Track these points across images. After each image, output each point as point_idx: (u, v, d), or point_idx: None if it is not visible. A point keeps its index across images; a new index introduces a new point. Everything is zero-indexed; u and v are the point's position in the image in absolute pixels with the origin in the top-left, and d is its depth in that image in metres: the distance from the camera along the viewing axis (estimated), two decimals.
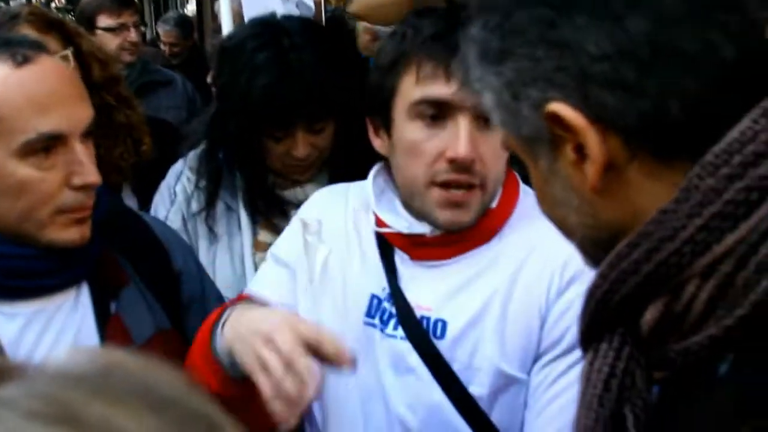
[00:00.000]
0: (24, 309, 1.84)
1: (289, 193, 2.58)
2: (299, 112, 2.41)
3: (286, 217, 2.48)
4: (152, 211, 2.67)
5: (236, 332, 1.76)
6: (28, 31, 2.65)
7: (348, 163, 2.47)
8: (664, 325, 1.00)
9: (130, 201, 2.93)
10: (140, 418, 0.55)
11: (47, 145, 1.72)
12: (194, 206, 2.65)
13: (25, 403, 0.53)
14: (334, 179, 2.48)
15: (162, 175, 2.76)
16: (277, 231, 2.45)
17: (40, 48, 1.81)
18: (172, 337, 2.02)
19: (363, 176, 2.15)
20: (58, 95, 1.74)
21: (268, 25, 2.54)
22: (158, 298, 2.00)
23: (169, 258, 2.07)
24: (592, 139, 1.00)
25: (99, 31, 4.43)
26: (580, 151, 1.03)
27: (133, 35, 4.42)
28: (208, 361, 1.84)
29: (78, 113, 1.77)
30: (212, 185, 2.62)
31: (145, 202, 2.81)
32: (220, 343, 1.82)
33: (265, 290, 2.10)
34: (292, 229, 2.16)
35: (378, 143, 2.02)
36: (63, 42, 2.68)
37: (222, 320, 1.85)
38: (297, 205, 2.43)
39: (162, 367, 0.61)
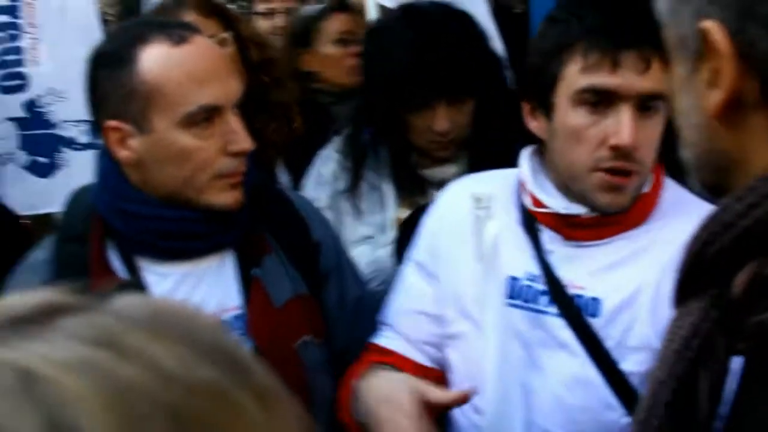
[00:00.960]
0: (175, 270, 2.08)
1: (430, 172, 2.72)
2: (441, 84, 2.57)
3: (425, 195, 2.63)
4: (303, 192, 2.88)
5: (365, 401, 1.99)
6: (191, 16, 2.96)
7: (486, 144, 2.59)
8: (754, 291, 0.97)
9: (283, 176, 3.17)
10: (172, 348, 0.62)
11: (206, 116, 1.94)
12: (340, 185, 2.85)
13: (77, 330, 0.60)
14: (473, 161, 2.62)
15: (312, 153, 2.99)
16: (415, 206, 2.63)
17: (192, 29, 2.04)
18: (308, 302, 2.21)
19: (501, 159, 2.27)
20: (213, 71, 1.96)
21: (413, 7, 2.71)
22: (297, 266, 2.19)
23: (309, 230, 2.25)
24: (728, 69, 0.99)
25: (256, 17, 4.67)
26: (715, 75, 1.02)
27: (278, 21, 4.57)
28: (352, 417, 2.08)
29: (231, 87, 1.99)
30: (357, 165, 2.81)
31: (297, 176, 3.04)
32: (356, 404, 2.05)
33: (403, 299, 2.26)
34: (430, 230, 2.28)
35: (534, 125, 2.11)
36: (223, 26, 2.95)
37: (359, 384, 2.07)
38: (437, 184, 2.60)
39: (202, 314, 0.68)
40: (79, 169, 4.13)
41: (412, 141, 2.69)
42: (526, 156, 2.17)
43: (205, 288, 2.09)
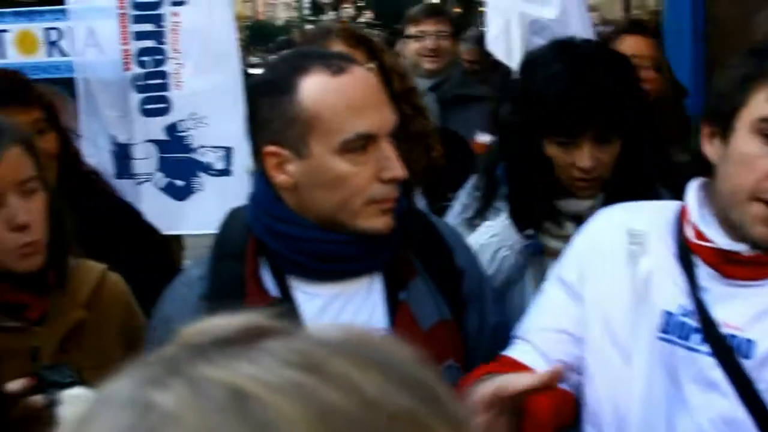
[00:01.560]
0: (325, 291, 2.10)
1: (564, 203, 2.69)
2: (589, 120, 2.54)
3: (560, 227, 2.61)
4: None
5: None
6: (338, 46, 3.02)
7: (625, 183, 2.55)
8: None
9: (420, 202, 3.18)
10: (373, 375, 0.64)
11: (362, 143, 1.98)
12: (469, 213, 2.87)
13: (281, 353, 0.64)
14: (609, 196, 2.57)
15: (449, 183, 3.03)
16: (550, 234, 2.64)
17: (350, 60, 2.10)
18: (452, 327, 2.21)
19: (636, 198, 2.26)
20: (369, 100, 2.01)
21: (565, 42, 2.71)
22: (442, 291, 2.20)
23: (453, 256, 2.27)
24: None
25: (407, 40, 4.73)
26: None
27: (429, 43, 4.61)
28: None
29: (386, 116, 2.03)
30: (486, 195, 2.82)
31: (433, 204, 3.05)
32: None
33: (545, 316, 2.22)
34: (580, 252, 2.24)
35: (709, 149, 2.08)
36: (368, 56, 2.99)
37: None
38: (571, 216, 2.56)
39: (398, 343, 0.70)
40: (213, 195, 4.23)
41: (553, 174, 2.66)
42: (693, 188, 2.13)
43: (352, 309, 2.11)
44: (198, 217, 4.11)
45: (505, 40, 3.53)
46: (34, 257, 2.06)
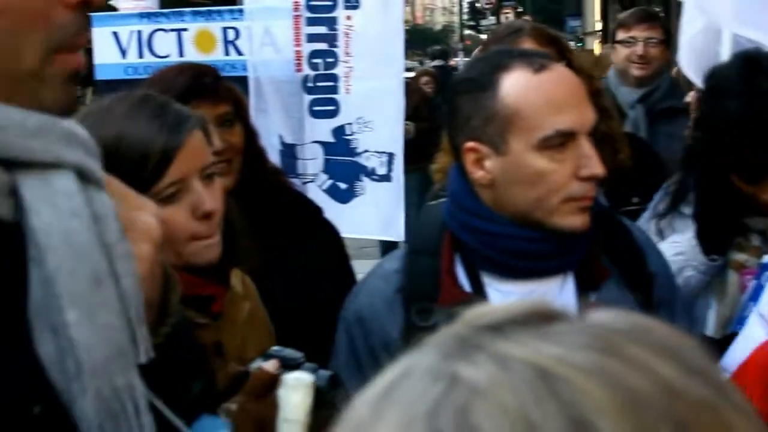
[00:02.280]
0: (518, 289, 2.08)
1: (752, 221, 2.58)
2: None
3: (745, 239, 2.51)
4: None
5: None
6: (528, 43, 2.98)
7: None
8: None
9: (603, 203, 3.13)
10: (669, 363, 0.64)
11: (561, 140, 1.97)
12: (660, 208, 2.84)
13: (577, 336, 0.65)
14: None
15: (634, 188, 3.06)
16: (736, 248, 2.55)
17: (550, 58, 2.10)
18: None
19: None
20: (570, 97, 2.00)
21: (753, 56, 2.57)
22: (633, 294, 2.14)
23: (645, 260, 2.21)
24: None
25: (616, 45, 4.61)
26: None
27: (639, 49, 4.49)
28: None
29: (586, 114, 2.02)
30: (678, 194, 2.78)
31: (616, 208, 2.99)
32: None
33: (745, 354, 2.15)
34: None
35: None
36: (558, 56, 2.93)
37: None
38: (758, 232, 2.48)
39: (681, 333, 0.70)
40: (374, 200, 4.27)
41: (741, 196, 2.55)
42: None
43: None
44: (357, 220, 4.15)
45: (703, 57, 3.37)
46: (216, 247, 2.00)
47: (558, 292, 2.08)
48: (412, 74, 10.76)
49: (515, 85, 1.97)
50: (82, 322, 0.98)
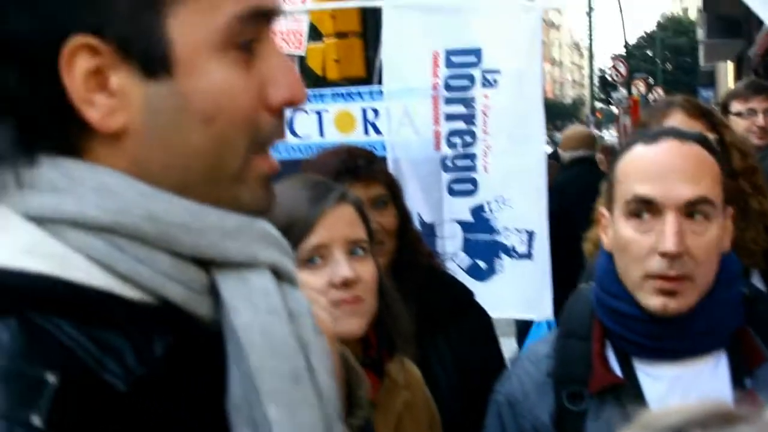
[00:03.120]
0: (668, 372, 2.00)
1: None
2: None
3: None
4: None
5: None
6: (679, 116, 2.94)
7: None
8: None
9: (759, 285, 3.00)
10: None
11: (639, 207, 1.93)
12: None
13: None
14: None
15: None
16: None
17: (678, 134, 2.03)
18: None
19: None
20: (665, 169, 1.94)
21: None
22: None
23: None
24: None
25: (731, 116, 4.53)
26: None
27: (760, 120, 4.41)
28: None
29: (678, 188, 1.93)
30: None
31: None
32: None
33: None
34: None
35: None
36: (710, 129, 2.87)
37: None
38: None
39: None
40: (514, 278, 4.22)
41: None
42: None
43: (697, 393, 1.98)
44: (497, 299, 4.10)
45: None
46: (355, 318, 1.98)
47: (710, 375, 1.99)
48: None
49: (629, 154, 2.00)
50: (283, 419, 0.99)
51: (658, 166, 1.96)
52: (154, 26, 0.96)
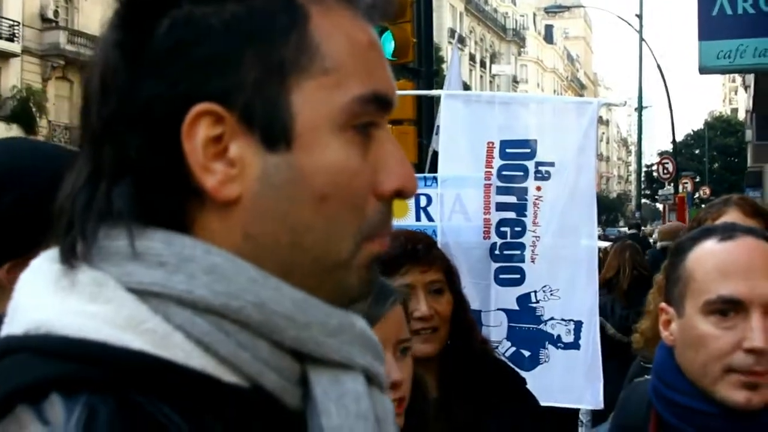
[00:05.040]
0: None
1: None
2: None
3: None
4: None
5: None
6: (735, 214, 2.99)
7: None
8: None
9: None
10: None
11: (725, 307, 1.94)
12: None
13: None
14: None
15: None
16: None
17: (750, 232, 2.08)
18: None
19: None
20: (746, 267, 1.97)
21: None
22: None
23: None
24: None
25: None
26: None
27: None
28: None
29: (761, 286, 1.95)
30: None
31: None
32: None
33: None
34: None
35: None
36: (766, 227, 2.89)
37: None
38: None
39: None
40: (559, 368, 4.23)
41: None
42: None
43: None
44: (542, 389, 4.10)
45: None
46: (399, 420, 2.00)
47: None
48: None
49: (700, 251, 2.02)
50: None
51: (741, 264, 1.98)
52: (279, 97, 0.95)
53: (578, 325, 4.20)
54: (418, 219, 4.38)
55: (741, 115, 57.73)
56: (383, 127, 1.03)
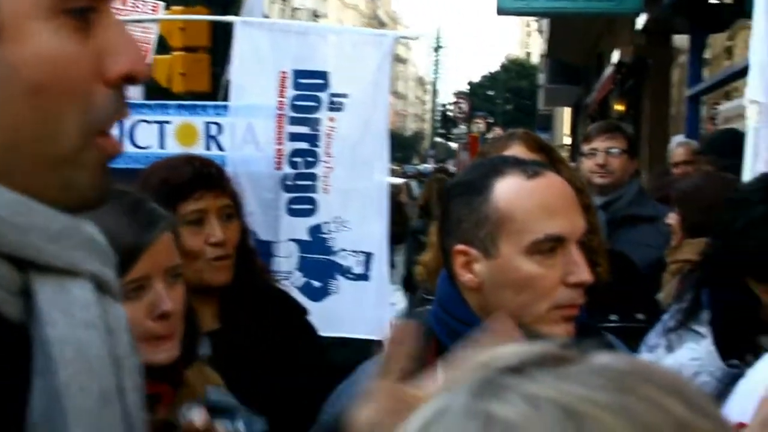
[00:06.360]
0: None
1: (764, 339, 2.60)
2: None
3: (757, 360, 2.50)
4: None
5: None
6: (520, 148, 3.02)
7: None
8: None
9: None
10: (676, 400, 0.68)
11: (551, 246, 1.96)
12: (671, 324, 2.89)
13: (592, 378, 0.69)
14: None
15: (613, 304, 3.10)
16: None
17: (545, 166, 2.11)
18: None
19: None
20: (562, 204, 2.00)
21: None
22: None
23: None
24: None
25: (581, 157, 4.71)
26: None
27: (599, 159, 4.59)
28: None
29: (577, 221, 2.01)
30: (686, 314, 2.82)
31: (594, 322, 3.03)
32: None
33: None
34: (742, 392, 2.16)
35: None
36: (548, 164, 2.98)
37: None
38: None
39: (683, 376, 0.76)
40: (349, 299, 4.27)
41: (757, 309, 2.58)
42: None
43: None
44: (330, 319, 4.13)
45: None
46: (172, 349, 1.98)
47: None
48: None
49: (508, 189, 1.97)
50: None
51: (560, 201, 2.00)
52: None
53: (368, 256, 4.23)
54: (207, 148, 4.28)
55: (535, 60, 59.73)
56: (107, 12, 0.97)
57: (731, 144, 5.18)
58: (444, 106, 63.90)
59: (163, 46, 8.84)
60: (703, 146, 6.07)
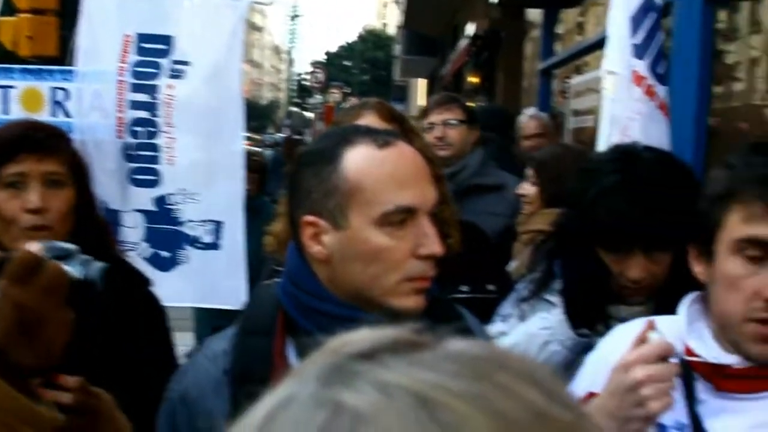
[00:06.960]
0: None
1: (615, 309, 2.67)
2: (639, 237, 2.54)
3: (609, 330, 2.55)
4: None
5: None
6: (373, 117, 3.02)
7: (678, 293, 2.50)
8: None
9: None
10: (534, 389, 0.68)
11: (401, 217, 1.92)
12: (524, 293, 2.97)
13: (446, 364, 0.68)
14: (659, 305, 2.54)
15: (463, 275, 3.14)
16: (602, 335, 2.56)
17: (397, 136, 2.06)
18: None
19: None
20: (413, 175, 1.96)
21: (626, 152, 2.72)
22: None
23: None
24: None
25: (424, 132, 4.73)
26: None
27: (436, 132, 4.62)
28: None
29: (428, 192, 1.98)
30: (540, 285, 2.91)
31: (445, 294, 3.07)
32: None
33: None
34: (591, 363, 2.26)
35: (698, 269, 2.07)
36: (401, 135, 2.98)
37: None
38: (620, 320, 2.54)
39: (538, 363, 0.75)
40: (198, 268, 4.21)
41: (606, 278, 2.64)
42: (685, 303, 2.13)
43: None
44: (179, 289, 4.08)
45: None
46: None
47: None
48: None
49: (358, 159, 1.93)
50: None
51: (410, 171, 1.96)
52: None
53: (218, 225, 4.17)
54: (53, 114, 4.13)
55: (392, 31, 59.99)
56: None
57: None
58: (300, 75, 63.56)
59: (9, 8, 8.50)
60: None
